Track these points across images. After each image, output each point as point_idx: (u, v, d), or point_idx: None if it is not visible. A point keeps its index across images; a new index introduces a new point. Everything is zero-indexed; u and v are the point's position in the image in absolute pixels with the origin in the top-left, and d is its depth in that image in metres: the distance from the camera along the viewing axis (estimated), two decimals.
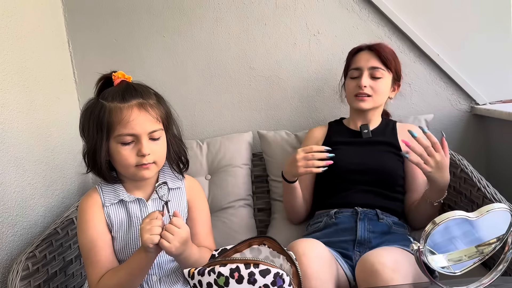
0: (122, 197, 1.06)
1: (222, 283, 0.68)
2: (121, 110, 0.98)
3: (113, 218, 1.06)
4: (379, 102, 1.43)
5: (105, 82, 1.06)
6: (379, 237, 1.24)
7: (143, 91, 1.02)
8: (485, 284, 0.66)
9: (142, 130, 0.99)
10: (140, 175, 1.01)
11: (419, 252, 0.63)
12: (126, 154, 0.99)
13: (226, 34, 1.78)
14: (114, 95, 1.00)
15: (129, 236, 1.06)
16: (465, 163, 1.43)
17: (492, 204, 0.64)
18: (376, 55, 1.41)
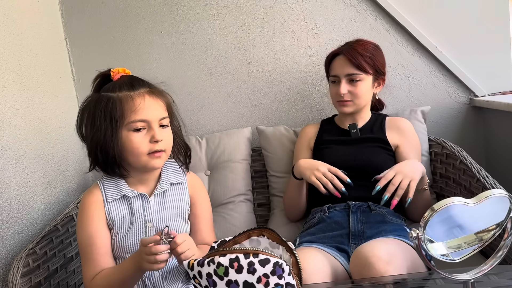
0: (125, 192, 1.05)
1: (221, 273, 0.68)
2: (132, 97, 0.98)
3: (115, 214, 1.05)
4: (361, 104, 1.45)
5: (103, 80, 1.05)
6: (374, 227, 1.24)
7: (148, 81, 1.04)
8: (485, 271, 0.66)
9: (154, 116, 0.99)
10: (151, 164, 1.01)
11: (418, 239, 0.63)
12: (138, 141, 0.98)
13: (223, 29, 1.77)
14: (121, 85, 1.00)
15: (131, 232, 1.05)
16: (464, 155, 1.43)
17: (491, 190, 0.64)
18: (349, 61, 1.40)
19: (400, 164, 1.28)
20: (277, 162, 1.68)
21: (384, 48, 1.68)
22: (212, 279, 0.69)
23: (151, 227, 1.04)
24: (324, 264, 1.10)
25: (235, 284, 0.68)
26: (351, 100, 1.43)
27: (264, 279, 0.67)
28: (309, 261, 1.08)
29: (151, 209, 1.05)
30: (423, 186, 1.31)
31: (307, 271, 1.04)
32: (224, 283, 0.68)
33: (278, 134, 1.71)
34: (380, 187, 1.23)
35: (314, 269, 1.06)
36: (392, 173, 1.23)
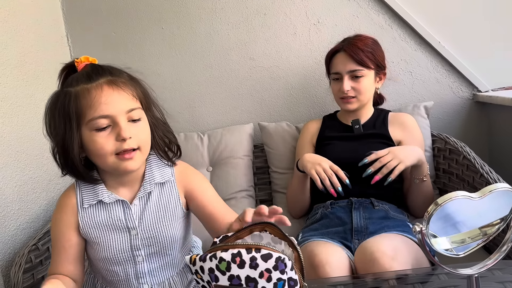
0: (101, 197, 0.91)
1: (223, 268, 0.68)
2: (89, 91, 0.83)
3: (90, 222, 0.92)
4: (365, 100, 1.44)
5: (69, 72, 0.92)
6: (377, 223, 1.24)
7: (112, 69, 0.89)
8: (489, 266, 0.66)
9: (117, 109, 0.84)
10: (122, 167, 0.86)
11: (422, 234, 0.62)
12: (102, 142, 0.84)
13: (225, 25, 1.77)
14: (78, 78, 0.86)
15: (113, 241, 0.93)
16: (467, 150, 1.42)
17: (495, 184, 0.64)
18: (350, 57, 1.40)
19: (397, 147, 1.30)
20: (279, 158, 1.68)
21: (386, 43, 1.68)
22: (214, 274, 0.69)
23: (136, 235, 0.93)
24: (345, 258, 1.10)
25: (237, 279, 0.67)
26: (355, 97, 1.42)
27: (266, 274, 0.67)
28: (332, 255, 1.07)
29: (133, 215, 0.93)
30: (421, 176, 1.31)
31: (332, 265, 1.04)
32: (226, 278, 0.68)
33: (280, 130, 1.70)
34: (368, 161, 1.26)
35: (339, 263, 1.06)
36: (385, 151, 1.27)
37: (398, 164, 1.24)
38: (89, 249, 0.96)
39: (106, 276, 0.97)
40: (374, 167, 1.25)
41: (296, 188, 1.46)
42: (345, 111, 1.49)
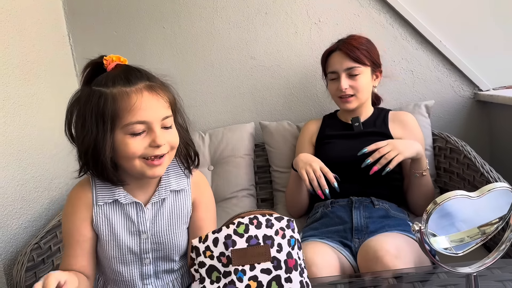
0: (118, 197, 0.91)
1: (242, 231, 0.73)
2: (128, 94, 0.82)
3: (104, 219, 0.92)
4: (363, 98, 1.45)
5: (94, 69, 0.90)
6: (377, 222, 1.24)
7: (147, 73, 0.88)
8: (487, 264, 0.66)
9: (155, 116, 0.84)
10: (150, 173, 0.86)
11: (421, 233, 0.62)
12: (135, 146, 0.83)
13: (226, 24, 1.77)
14: (115, 79, 0.84)
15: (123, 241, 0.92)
16: (468, 149, 1.42)
17: (494, 184, 0.64)
18: (347, 55, 1.40)
19: (396, 139, 1.32)
20: (280, 157, 1.68)
21: (388, 42, 1.68)
22: (231, 239, 0.72)
23: (146, 239, 0.93)
24: (333, 258, 1.10)
25: (255, 239, 0.72)
26: (353, 95, 1.42)
27: (281, 231, 0.74)
28: (319, 255, 1.08)
29: (146, 219, 0.92)
30: (420, 170, 1.32)
31: (318, 266, 1.04)
32: (244, 240, 0.72)
33: (281, 129, 1.70)
34: (367, 150, 1.28)
35: (325, 263, 1.06)
36: (384, 143, 1.28)
37: (397, 155, 1.25)
38: (98, 246, 0.95)
39: (111, 275, 0.96)
40: (373, 158, 1.26)
41: (292, 188, 1.46)
42: (345, 110, 1.50)
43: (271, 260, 0.72)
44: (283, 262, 0.72)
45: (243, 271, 0.71)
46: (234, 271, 0.71)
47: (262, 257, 0.72)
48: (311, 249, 1.11)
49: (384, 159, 1.25)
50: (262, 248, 0.72)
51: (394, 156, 1.25)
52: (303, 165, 1.32)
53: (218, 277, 0.72)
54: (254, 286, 0.71)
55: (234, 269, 0.71)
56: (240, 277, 0.71)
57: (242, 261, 0.71)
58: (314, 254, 1.08)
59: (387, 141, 1.28)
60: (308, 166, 1.31)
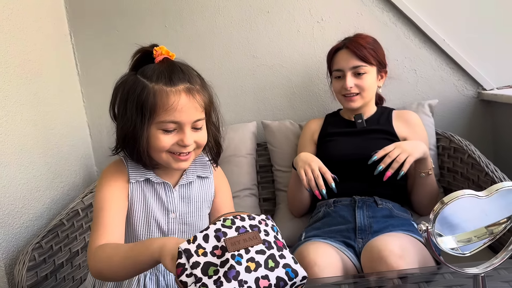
0: (149, 176, 0.97)
1: (229, 223, 0.76)
2: (167, 94, 0.88)
3: (138, 195, 0.97)
4: (368, 97, 1.44)
5: (143, 56, 0.95)
6: (381, 222, 1.23)
7: (190, 74, 0.93)
8: (495, 264, 0.65)
9: (188, 119, 0.90)
10: (175, 166, 0.93)
11: (428, 233, 0.62)
12: (165, 142, 0.90)
13: (228, 23, 1.76)
14: (159, 75, 0.89)
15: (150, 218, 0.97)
16: (472, 149, 1.41)
17: (502, 183, 0.63)
18: (353, 53, 1.40)
19: (402, 141, 1.30)
20: (283, 157, 1.67)
21: (391, 41, 1.67)
22: (221, 231, 0.75)
23: (174, 218, 0.99)
24: (336, 259, 1.09)
25: (243, 228, 0.76)
26: (358, 93, 1.41)
27: (263, 221, 0.79)
28: (322, 256, 1.07)
29: (174, 199, 0.99)
30: (426, 170, 1.30)
31: (320, 266, 1.04)
32: (234, 229, 0.76)
33: (283, 128, 1.70)
34: (377, 158, 1.25)
35: (327, 263, 1.05)
36: (391, 147, 1.26)
37: (408, 157, 1.23)
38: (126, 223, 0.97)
39: None
40: (385, 163, 1.23)
41: (293, 187, 1.46)
42: (348, 109, 1.49)
43: (262, 242, 0.76)
44: (273, 243, 0.77)
45: (240, 255, 0.74)
46: (231, 256, 0.73)
47: (254, 241, 0.76)
48: (313, 250, 1.11)
49: (396, 162, 1.23)
50: (252, 233, 0.76)
51: (405, 158, 1.23)
52: (302, 165, 1.32)
53: (215, 270, 0.72)
54: (253, 266, 0.74)
55: (231, 255, 0.73)
56: (239, 260, 0.73)
57: (237, 247, 0.74)
58: (317, 254, 1.08)
59: (394, 145, 1.26)
60: (307, 166, 1.30)
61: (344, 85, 1.41)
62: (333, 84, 1.49)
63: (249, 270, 0.73)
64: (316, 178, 1.28)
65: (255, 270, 0.73)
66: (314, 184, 1.28)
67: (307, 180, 1.29)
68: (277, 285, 0.74)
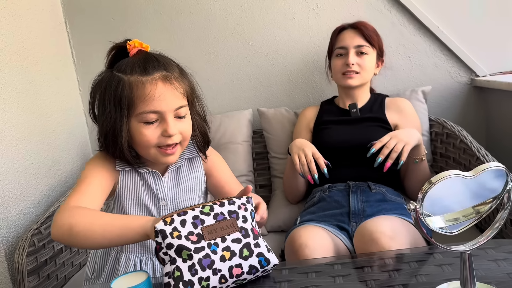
0: (136, 167, 0.96)
1: (208, 210, 0.78)
2: (143, 84, 0.86)
3: (127, 183, 0.96)
4: (366, 78, 1.46)
5: (118, 52, 0.94)
6: (374, 206, 1.26)
7: (166, 62, 0.91)
8: (481, 242, 0.67)
9: (168, 107, 0.87)
10: (163, 160, 0.92)
11: (416, 212, 0.64)
12: (148, 135, 0.88)
13: (223, 10, 1.76)
14: (133, 67, 0.88)
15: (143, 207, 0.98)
16: (464, 134, 1.43)
17: (488, 163, 0.65)
18: (360, 33, 1.44)
19: (396, 131, 1.31)
20: (278, 144, 1.69)
21: (385, 28, 1.68)
22: (199, 219, 0.77)
23: (165, 206, 0.99)
24: (327, 241, 1.12)
25: (222, 215, 0.79)
26: (358, 72, 1.44)
27: (242, 206, 0.81)
28: (313, 238, 1.10)
29: (164, 187, 0.98)
30: (420, 156, 1.33)
31: (311, 248, 1.06)
32: (212, 217, 0.78)
33: (279, 115, 1.71)
34: (375, 149, 1.26)
35: (318, 245, 1.08)
36: (387, 137, 1.27)
37: (404, 146, 1.24)
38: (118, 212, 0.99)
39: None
40: (383, 154, 1.25)
41: (289, 173, 1.48)
42: (345, 89, 1.49)
43: (239, 230, 0.79)
44: (250, 231, 0.80)
45: (216, 244, 0.77)
46: (207, 245, 0.76)
47: (231, 229, 0.78)
48: (304, 232, 1.13)
49: (394, 153, 1.24)
50: (229, 221, 0.79)
51: (403, 148, 1.24)
52: (296, 150, 1.35)
53: (189, 254, 0.75)
54: (228, 255, 0.77)
55: (207, 244, 0.76)
56: (214, 249, 0.76)
57: (213, 235, 0.77)
58: (308, 237, 1.10)
59: (389, 135, 1.28)
60: (300, 151, 1.33)
61: (347, 61, 1.43)
62: (333, 62, 1.50)
63: (224, 259, 0.76)
64: (309, 163, 1.30)
65: (230, 259, 0.77)
66: (306, 169, 1.30)
67: (300, 165, 1.31)
68: (249, 272, 0.79)
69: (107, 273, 1.03)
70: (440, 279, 0.76)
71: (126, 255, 1.01)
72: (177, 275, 0.74)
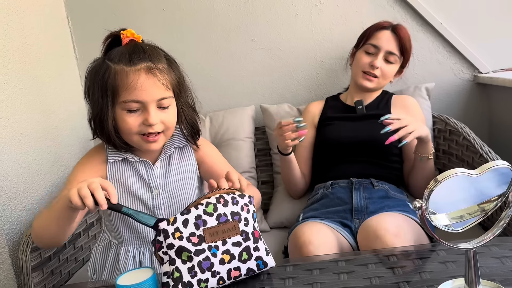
0: (126, 155, 1.00)
1: (211, 210, 0.78)
2: (127, 74, 0.90)
3: (117, 176, 1.00)
4: (382, 84, 1.46)
5: (113, 41, 0.97)
6: (377, 202, 1.26)
7: (153, 53, 0.94)
8: (486, 240, 0.67)
9: (150, 97, 0.91)
10: (146, 147, 0.95)
11: (422, 209, 0.64)
12: (130, 122, 0.92)
13: (226, 6, 1.76)
14: (120, 56, 0.91)
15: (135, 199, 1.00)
16: (467, 131, 1.43)
17: (494, 161, 0.65)
18: (396, 39, 1.42)
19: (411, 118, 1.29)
20: None
21: None
22: (201, 219, 0.77)
23: (158, 194, 1.01)
24: (331, 237, 1.12)
25: (224, 216, 0.79)
26: (378, 77, 1.43)
27: (245, 207, 0.81)
28: (317, 235, 1.10)
29: (156, 176, 1.01)
30: (427, 154, 1.32)
31: (315, 244, 1.06)
32: (214, 218, 0.78)
33: (281, 112, 1.71)
34: (390, 117, 1.23)
35: (321, 242, 1.08)
36: (403, 115, 1.26)
37: (414, 131, 1.22)
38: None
39: (126, 234, 1.03)
40: (394, 126, 1.22)
41: (285, 171, 1.48)
42: (357, 87, 1.48)
43: (240, 234, 0.79)
44: (251, 234, 0.80)
45: (216, 247, 0.77)
46: (208, 248, 0.77)
47: (232, 232, 0.79)
48: (308, 229, 1.13)
49: (403, 130, 1.21)
50: (231, 224, 0.79)
51: (412, 131, 1.22)
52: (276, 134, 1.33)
53: (189, 256, 0.75)
54: (227, 258, 0.78)
55: (208, 246, 0.77)
56: (214, 252, 0.77)
57: (215, 238, 0.77)
58: (312, 233, 1.10)
59: (405, 116, 1.26)
60: (277, 131, 1.31)
61: (373, 62, 1.41)
62: (358, 55, 1.47)
63: (223, 262, 0.77)
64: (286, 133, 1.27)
65: (229, 262, 0.78)
66: (292, 136, 1.28)
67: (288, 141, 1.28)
68: (247, 274, 0.80)
69: (109, 269, 1.05)
70: (444, 276, 0.76)
71: (125, 248, 1.03)
72: (176, 276, 0.75)
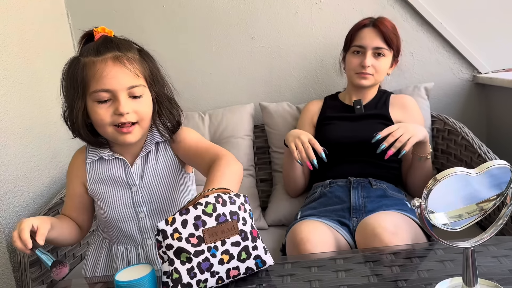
0: (102, 154, 1.00)
1: (210, 210, 0.78)
2: (94, 63, 0.89)
3: (96, 177, 1.01)
4: (379, 79, 1.46)
5: (88, 39, 0.98)
6: (375, 201, 1.26)
7: (121, 43, 0.94)
8: (485, 239, 0.68)
9: (119, 85, 0.90)
10: (121, 139, 0.93)
11: (421, 208, 0.64)
12: (102, 113, 0.91)
13: (226, 4, 1.75)
14: (89, 49, 0.92)
15: (114, 197, 1.01)
16: (465, 131, 1.44)
17: (493, 161, 0.65)
18: (380, 33, 1.42)
19: (405, 123, 1.31)
20: (280, 138, 1.69)
21: None
22: (201, 220, 0.77)
23: (137, 191, 1.00)
24: (329, 236, 1.12)
25: (224, 216, 0.78)
26: (372, 74, 1.43)
27: (242, 206, 0.81)
28: (314, 233, 1.10)
29: (133, 173, 1.00)
30: (425, 154, 1.32)
31: (312, 242, 1.07)
32: (214, 219, 0.78)
33: (281, 110, 1.71)
34: (381, 136, 1.25)
35: (319, 240, 1.08)
36: (395, 126, 1.27)
37: (410, 138, 1.24)
38: (97, 208, 1.04)
39: (113, 233, 1.04)
40: (388, 142, 1.24)
41: (287, 164, 1.48)
42: (355, 87, 1.49)
43: (239, 233, 0.79)
44: (249, 233, 0.80)
45: (215, 248, 0.77)
46: (207, 248, 0.76)
47: (231, 232, 0.78)
48: (306, 227, 1.13)
49: (398, 142, 1.23)
50: (230, 223, 0.78)
51: (408, 139, 1.24)
52: (292, 139, 1.34)
53: (188, 257, 0.75)
54: (226, 258, 0.78)
55: (207, 247, 0.76)
56: (214, 253, 0.77)
57: (214, 238, 0.77)
58: (309, 232, 1.11)
59: (398, 125, 1.27)
60: (297, 139, 1.32)
61: (363, 62, 1.41)
62: (348, 58, 1.48)
63: (222, 262, 0.77)
64: (306, 149, 1.29)
65: (228, 262, 0.78)
66: (304, 155, 1.29)
67: (297, 152, 1.30)
68: (245, 273, 0.81)
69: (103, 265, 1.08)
70: (442, 275, 0.76)
71: (115, 246, 1.06)
72: (175, 277, 0.75)
